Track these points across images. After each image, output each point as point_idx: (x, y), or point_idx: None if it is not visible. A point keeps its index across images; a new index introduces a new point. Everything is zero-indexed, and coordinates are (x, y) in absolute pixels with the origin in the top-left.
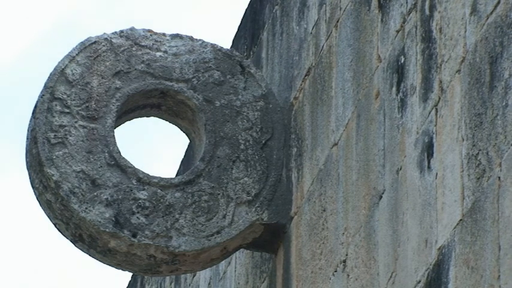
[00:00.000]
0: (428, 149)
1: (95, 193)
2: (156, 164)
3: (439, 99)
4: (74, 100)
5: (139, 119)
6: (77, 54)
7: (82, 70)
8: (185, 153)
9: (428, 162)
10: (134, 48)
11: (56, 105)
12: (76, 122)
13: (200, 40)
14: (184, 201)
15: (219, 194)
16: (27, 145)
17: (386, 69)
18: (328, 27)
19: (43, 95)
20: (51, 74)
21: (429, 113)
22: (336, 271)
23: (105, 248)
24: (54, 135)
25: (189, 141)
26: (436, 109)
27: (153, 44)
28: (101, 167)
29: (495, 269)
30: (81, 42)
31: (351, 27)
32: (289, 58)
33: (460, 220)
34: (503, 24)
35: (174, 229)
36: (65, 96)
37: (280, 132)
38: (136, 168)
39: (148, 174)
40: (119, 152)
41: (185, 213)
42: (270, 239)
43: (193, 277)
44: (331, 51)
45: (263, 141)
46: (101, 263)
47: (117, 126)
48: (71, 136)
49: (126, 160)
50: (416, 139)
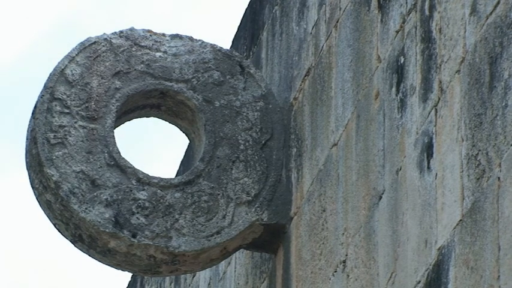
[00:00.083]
0: (428, 150)
1: (95, 193)
2: (156, 164)
3: (439, 99)
4: (73, 100)
5: (139, 119)
6: (76, 55)
7: (82, 70)
8: (185, 153)
9: (428, 162)
10: (134, 49)
11: (55, 105)
12: (76, 122)
13: (200, 40)
14: (184, 202)
15: (219, 194)
16: (27, 145)
17: (386, 70)
18: (328, 27)
19: (43, 95)
20: (51, 74)
21: (429, 114)
22: (335, 271)
23: (104, 248)
24: (54, 136)
25: (188, 142)
26: (436, 109)
27: (152, 44)
28: (101, 167)
29: (495, 269)
30: (81, 42)
31: (350, 27)
32: (288, 58)
33: (460, 220)
34: (503, 24)
35: (174, 229)
36: (64, 96)
37: (280, 132)
38: (136, 169)
39: (148, 175)
40: (119, 152)
41: (185, 213)
42: (269, 239)
43: (193, 277)
44: (331, 51)
45: (263, 142)
46: (101, 263)
47: (117, 127)
48: (70, 136)
49: (125, 160)
50: (416, 139)
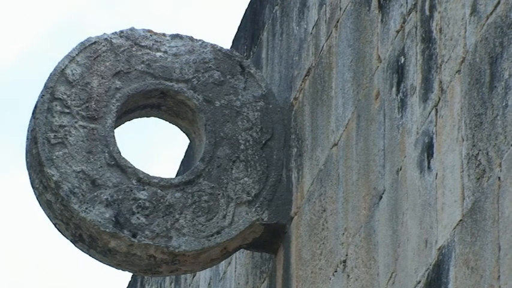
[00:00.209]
0: (428, 149)
1: (95, 193)
2: (156, 164)
3: (439, 99)
4: (74, 100)
5: (139, 119)
6: (76, 55)
7: (82, 70)
8: (185, 153)
9: (428, 162)
10: (134, 49)
11: (56, 105)
12: (76, 122)
13: (200, 40)
14: (185, 202)
15: (219, 194)
16: (27, 145)
17: (386, 70)
18: (328, 27)
19: (43, 95)
20: (51, 74)
21: (429, 113)
22: (336, 271)
23: (105, 248)
24: (54, 136)
25: (189, 142)
26: (436, 109)
27: (153, 44)
28: (101, 167)
29: (495, 269)
30: (81, 42)
31: (351, 27)
32: (289, 58)
33: (460, 220)
34: (503, 24)
35: (174, 229)
36: (65, 96)
37: (280, 132)
38: (136, 169)
39: (148, 175)
40: (119, 152)
41: (185, 213)
42: (270, 239)
43: (193, 277)
44: (331, 51)
45: (263, 142)
46: (101, 263)
47: (117, 127)
48: (71, 136)
49: (126, 160)
50: (416, 139)
